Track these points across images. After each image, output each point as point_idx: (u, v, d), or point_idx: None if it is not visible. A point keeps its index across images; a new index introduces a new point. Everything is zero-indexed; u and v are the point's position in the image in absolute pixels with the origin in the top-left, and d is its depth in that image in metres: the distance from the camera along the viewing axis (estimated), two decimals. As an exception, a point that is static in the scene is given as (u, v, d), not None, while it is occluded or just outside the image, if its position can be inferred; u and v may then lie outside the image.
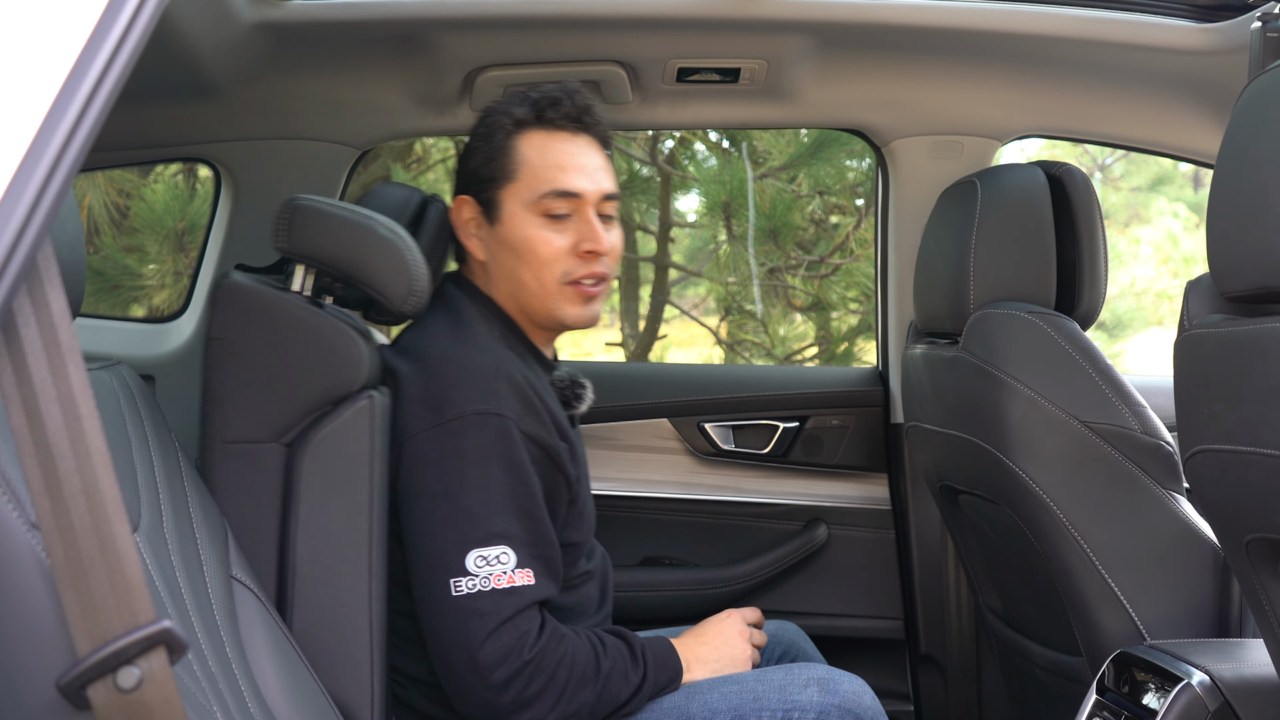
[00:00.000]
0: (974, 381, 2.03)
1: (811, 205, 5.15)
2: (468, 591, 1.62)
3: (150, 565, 1.25)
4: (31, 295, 0.90)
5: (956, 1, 2.25)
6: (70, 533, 0.89)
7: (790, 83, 2.42)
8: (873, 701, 1.79)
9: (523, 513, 1.68)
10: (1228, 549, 1.48)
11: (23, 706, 0.91)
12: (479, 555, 1.64)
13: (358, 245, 1.74)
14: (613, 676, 1.70)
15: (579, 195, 1.81)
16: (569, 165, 1.82)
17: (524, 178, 1.81)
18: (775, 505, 2.66)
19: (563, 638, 1.69)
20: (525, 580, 1.65)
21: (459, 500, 1.66)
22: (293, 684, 1.51)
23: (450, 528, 1.66)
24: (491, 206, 1.83)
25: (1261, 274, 1.26)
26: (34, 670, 0.90)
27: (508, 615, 1.62)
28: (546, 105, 1.83)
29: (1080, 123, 2.59)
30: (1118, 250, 7.69)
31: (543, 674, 1.64)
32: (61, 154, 0.88)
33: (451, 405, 1.69)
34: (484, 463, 1.67)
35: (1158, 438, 1.95)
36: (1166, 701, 1.68)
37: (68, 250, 1.17)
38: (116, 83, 0.90)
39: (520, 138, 1.83)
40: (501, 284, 1.85)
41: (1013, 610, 2.27)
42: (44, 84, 0.89)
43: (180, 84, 2.22)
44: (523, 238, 1.80)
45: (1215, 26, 2.24)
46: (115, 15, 0.90)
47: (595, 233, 1.81)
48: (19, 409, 0.90)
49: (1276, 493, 1.30)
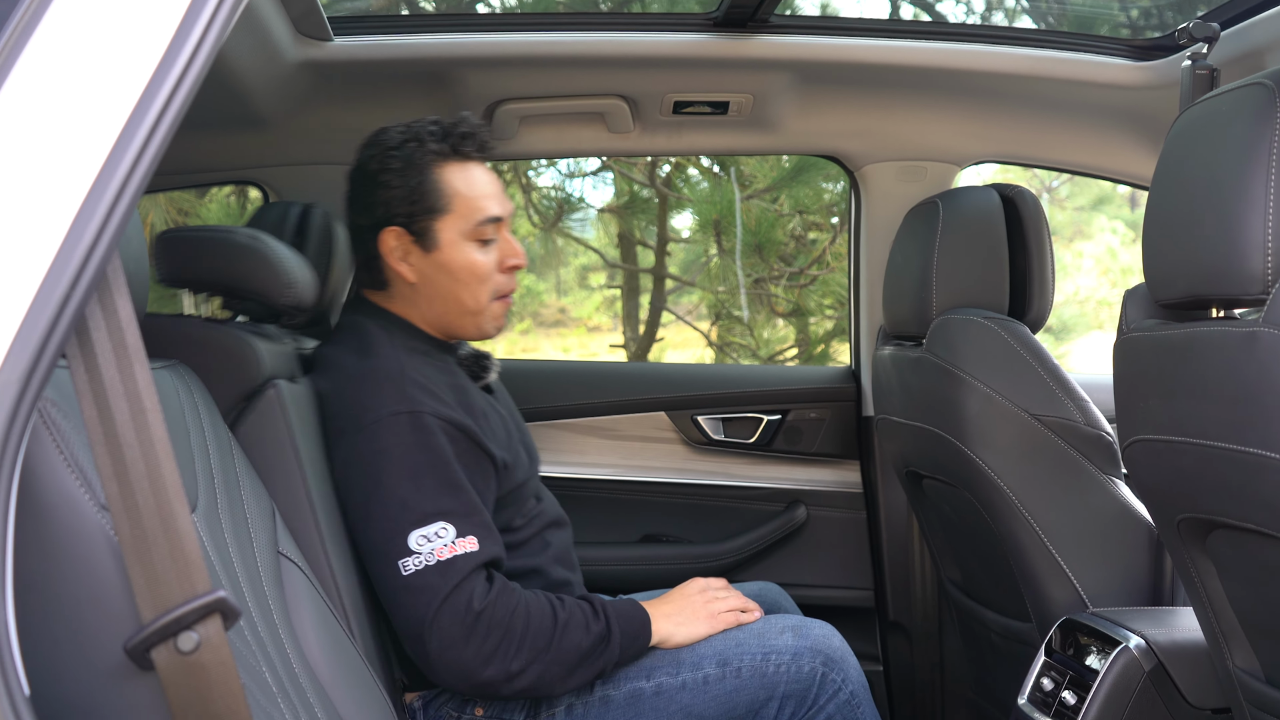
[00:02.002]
0: (936, 379, 2.03)
1: (792, 223, 5.15)
2: (415, 569, 1.60)
3: (206, 542, 1.25)
4: (102, 302, 0.91)
5: (920, 43, 2.26)
6: (136, 513, 0.90)
7: (773, 115, 2.42)
8: (841, 644, 1.80)
9: (453, 487, 1.65)
10: (1161, 527, 1.48)
11: (94, 667, 0.91)
12: (420, 535, 1.61)
13: (221, 258, 1.70)
14: (571, 626, 1.66)
15: (502, 219, 1.81)
16: (491, 193, 1.80)
17: (458, 209, 1.77)
18: (760, 489, 2.67)
19: (513, 591, 1.65)
20: (468, 547, 1.61)
21: (392, 492, 1.63)
22: (334, 649, 1.51)
23: (389, 518, 1.62)
24: (426, 235, 1.77)
25: (1191, 283, 1.26)
26: (104, 635, 0.90)
27: (456, 582, 1.59)
28: (460, 139, 1.79)
29: (1030, 150, 2.58)
30: (1063, 262, 7.70)
31: (498, 626, 1.60)
32: (128, 178, 0.88)
33: (367, 411, 1.66)
34: (407, 455, 1.64)
35: (1099, 429, 1.95)
36: (1107, 662, 1.68)
37: (133, 263, 1.17)
38: (176, 116, 0.90)
39: (442, 170, 1.77)
40: (432, 303, 1.81)
41: (970, 581, 2.27)
42: (112, 118, 0.89)
43: (233, 115, 2.22)
44: (463, 262, 1.78)
45: (1149, 64, 2.25)
46: (174, 57, 0.90)
47: (516, 249, 1.82)
48: (90, 403, 0.90)
49: (1204, 478, 1.30)
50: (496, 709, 1.74)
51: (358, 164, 1.83)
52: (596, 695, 1.74)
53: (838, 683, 1.79)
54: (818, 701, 1.78)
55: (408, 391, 1.67)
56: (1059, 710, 1.74)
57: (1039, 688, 1.81)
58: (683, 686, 1.74)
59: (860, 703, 1.82)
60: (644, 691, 1.74)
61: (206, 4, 0.92)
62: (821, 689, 1.78)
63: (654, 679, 1.74)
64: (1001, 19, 3.92)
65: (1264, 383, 1.15)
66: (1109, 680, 1.67)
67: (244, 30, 1.87)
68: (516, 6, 3.38)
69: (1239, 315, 1.25)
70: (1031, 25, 3.56)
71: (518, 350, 8.16)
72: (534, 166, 5.57)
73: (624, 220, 5.81)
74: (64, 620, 0.91)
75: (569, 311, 8.37)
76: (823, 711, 1.78)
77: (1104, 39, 2.29)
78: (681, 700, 1.74)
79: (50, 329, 0.85)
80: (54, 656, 0.90)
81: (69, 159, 0.88)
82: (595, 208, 5.86)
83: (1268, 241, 1.14)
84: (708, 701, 1.74)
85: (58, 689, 0.90)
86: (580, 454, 2.67)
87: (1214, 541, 1.38)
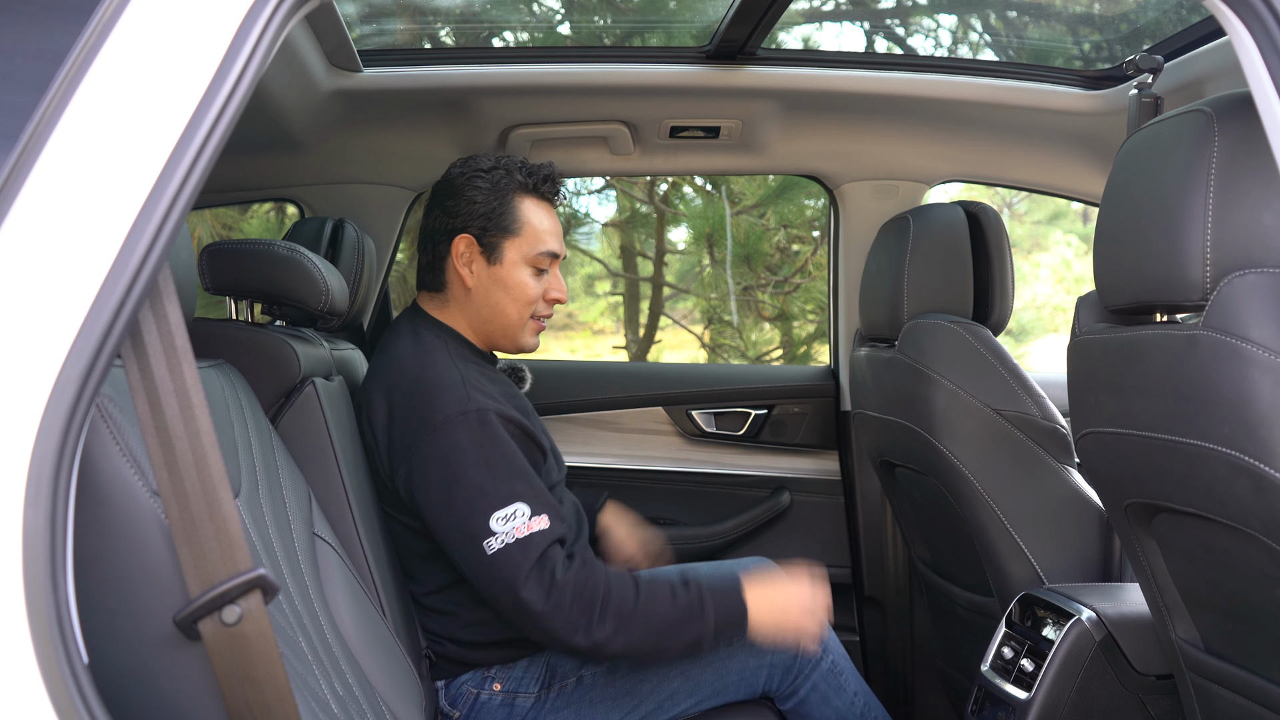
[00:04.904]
0: (907, 377, 2.03)
1: (777, 236, 5.14)
2: (500, 547, 1.59)
3: (248, 524, 1.25)
4: (153, 308, 0.91)
5: (893, 73, 2.25)
6: (184, 498, 0.90)
7: (760, 138, 2.42)
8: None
9: (521, 474, 1.64)
10: (1110, 511, 1.48)
11: (146, 638, 0.91)
12: (499, 516, 1.60)
13: (262, 268, 1.71)
14: (655, 597, 1.61)
15: (558, 256, 1.84)
16: (556, 232, 1.84)
17: (526, 235, 1.80)
18: (748, 476, 2.66)
19: (595, 565, 1.63)
20: (542, 525, 1.60)
21: (470, 482, 1.62)
22: (365, 624, 1.51)
23: (470, 504, 1.61)
24: (494, 250, 1.79)
25: (1138, 291, 1.26)
26: (155, 609, 0.90)
27: (535, 557, 1.58)
28: (542, 180, 1.83)
29: (992, 170, 2.58)
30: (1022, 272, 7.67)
31: (581, 596, 1.58)
32: (177, 196, 0.88)
33: (436, 413, 1.65)
34: (478, 448, 1.63)
35: (1054, 422, 1.95)
36: (1061, 633, 1.68)
37: (182, 272, 1.17)
38: (220, 140, 0.91)
39: (522, 200, 1.81)
40: (480, 310, 1.82)
41: (938, 560, 2.27)
42: (162, 142, 0.89)
43: (272, 139, 2.22)
44: (516, 280, 1.80)
45: (1100, 93, 2.25)
46: (218, 88, 0.91)
47: (562, 286, 1.86)
48: (143, 399, 0.90)
49: (1150, 466, 1.30)
50: (513, 683, 1.74)
51: (446, 177, 1.86)
52: (604, 664, 1.73)
53: (820, 650, 1.79)
54: (803, 669, 1.78)
55: (470, 394, 1.67)
56: (1018, 676, 1.74)
57: (1000, 656, 1.81)
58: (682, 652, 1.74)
59: (842, 670, 1.81)
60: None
61: (247, 42, 0.92)
62: (806, 658, 1.77)
63: None
64: (967, 51, 3.91)
65: (1203, 381, 1.15)
66: (1063, 649, 1.67)
67: (282, 64, 1.87)
68: (529, 40, 3.38)
69: (1181, 320, 1.25)
70: (994, 57, 3.56)
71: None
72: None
73: (625, 234, 5.81)
74: (119, 595, 0.91)
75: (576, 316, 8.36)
76: (809, 679, 1.78)
77: (1059, 70, 2.29)
78: (681, 664, 1.74)
79: (107, 332, 0.85)
80: (110, 628, 0.90)
81: (124, 179, 0.88)
82: (600, 222, 5.86)
83: (1206, 253, 1.14)
84: (704, 666, 1.74)
85: (113, 658, 0.90)
86: (586, 445, 2.67)
87: (1158, 524, 1.38)
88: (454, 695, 1.76)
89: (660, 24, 3.29)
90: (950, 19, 3.83)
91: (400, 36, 2.59)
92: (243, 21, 0.92)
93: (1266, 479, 1.09)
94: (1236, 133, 1.13)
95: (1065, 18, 2.77)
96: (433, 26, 2.77)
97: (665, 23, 3.29)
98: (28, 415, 0.83)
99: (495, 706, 1.74)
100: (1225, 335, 1.11)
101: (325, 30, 1.93)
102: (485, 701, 1.74)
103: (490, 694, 1.74)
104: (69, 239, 0.86)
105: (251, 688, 0.90)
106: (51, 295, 0.85)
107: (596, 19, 3.33)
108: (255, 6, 0.92)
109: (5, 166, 0.87)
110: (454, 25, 2.82)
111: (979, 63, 2.37)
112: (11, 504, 0.82)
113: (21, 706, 0.82)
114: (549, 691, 1.73)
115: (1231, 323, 1.11)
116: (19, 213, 0.86)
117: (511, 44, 3.33)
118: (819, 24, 3.86)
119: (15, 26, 0.92)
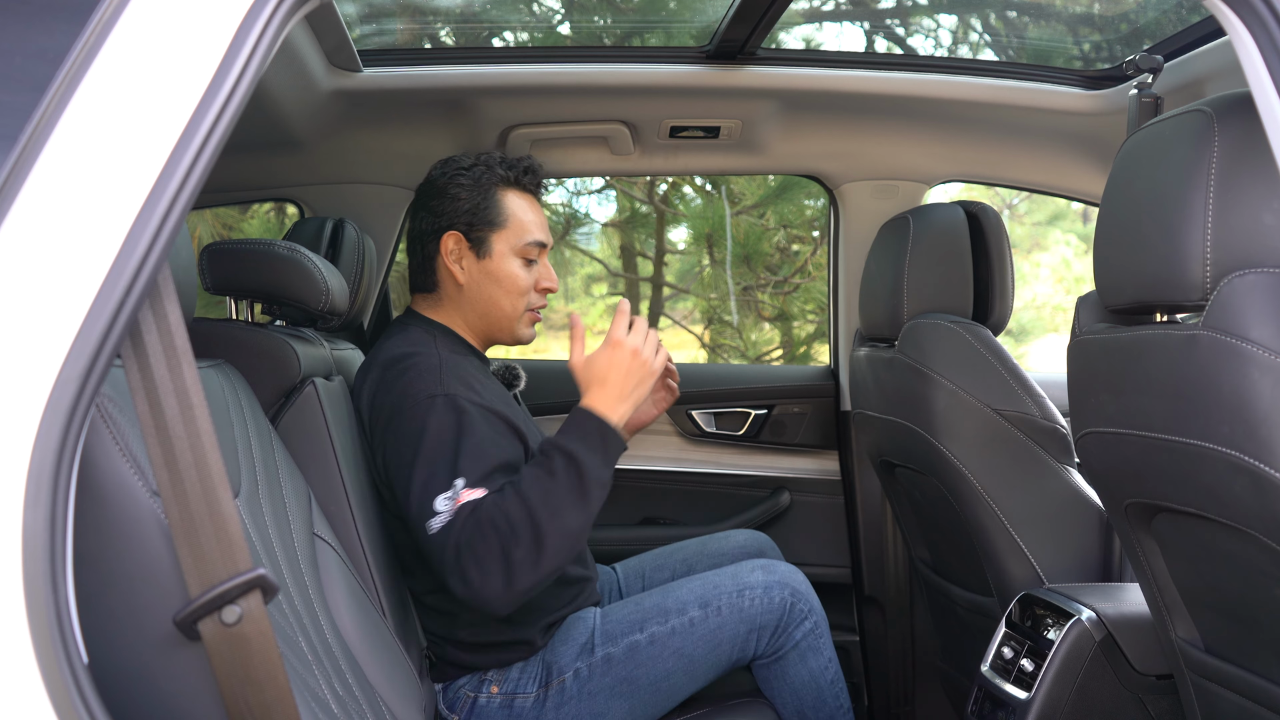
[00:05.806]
0: (907, 377, 2.03)
1: (777, 236, 5.15)
2: (437, 528, 1.55)
3: (248, 524, 1.25)
4: (153, 308, 0.90)
5: (893, 73, 2.25)
6: (184, 498, 0.90)
7: (760, 138, 2.42)
8: (805, 580, 1.84)
9: (478, 456, 1.60)
10: (1110, 511, 1.48)
11: (146, 638, 0.91)
12: (443, 498, 1.57)
13: (262, 268, 1.70)
14: (536, 493, 1.54)
15: (545, 246, 1.87)
16: (541, 223, 1.87)
17: (512, 227, 1.83)
18: (748, 476, 2.66)
19: (478, 507, 1.54)
20: (472, 496, 1.56)
21: (425, 463, 1.60)
22: (365, 624, 1.51)
23: (421, 485, 1.59)
24: (482, 244, 1.82)
25: (1138, 291, 1.26)
26: (155, 609, 0.90)
27: (454, 542, 1.53)
28: (523, 173, 1.86)
29: (992, 170, 2.58)
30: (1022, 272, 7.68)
31: (488, 549, 1.51)
32: (177, 196, 0.88)
33: (409, 396, 1.66)
34: (440, 432, 1.62)
35: (1054, 422, 1.95)
36: (1061, 633, 1.68)
37: (182, 272, 1.17)
38: (220, 140, 0.91)
39: (505, 194, 1.84)
40: (475, 305, 1.84)
41: (938, 560, 2.27)
42: (162, 142, 0.89)
43: (272, 139, 2.22)
44: (507, 272, 1.83)
45: (1100, 93, 2.25)
46: (218, 88, 0.91)
47: (551, 275, 1.89)
48: (143, 399, 0.90)
49: (1150, 466, 1.30)
50: (510, 684, 1.74)
51: (428, 179, 1.88)
52: (599, 656, 1.74)
53: (804, 611, 1.81)
54: (788, 629, 1.80)
55: (445, 379, 1.68)
56: (1018, 676, 1.74)
57: (1000, 656, 1.81)
58: (673, 632, 1.75)
59: (822, 633, 1.83)
60: (640, 643, 1.74)
61: (246, 42, 0.92)
62: (790, 616, 1.79)
63: (646, 630, 1.75)
64: (967, 51, 3.92)
65: (1203, 381, 1.15)
66: (1063, 649, 1.67)
67: (282, 64, 1.87)
68: (528, 40, 3.38)
69: (1181, 320, 1.25)
70: (994, 57, 3.56)
71: (529, 351, 8.16)
72: (544, 185, 5.55)
73: (625, 234, 5.81)
74: (119, 595, 0.90)
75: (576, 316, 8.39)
76: (792, 638, 1.80)
77: (1059, 70, 2.29)
78: (673, 644, 1.75)
79: (106, 332, 0.85)
80: (110, 628, 0.90)
81: (124, 179, 0.88)
82: (599, 222, 5.86)
83: (1206, 253, 1.14)
84: (696, 641, 1.75)
85: (113, 657, 0.90)
86: (586, 445, 2.67)
87: (1158, 524, 1.38)
88: (452, 699, 1.76)
89: (660, 24, 3.29)
90: (950, 19, 3.83)
91: (400, 36, 2.59)
92: (242, 22, 0.92)
93: (1266, 479, 1.09)
94: (1236, 133, 1.13)
95: (1065, 18, 2.77)
96: (433, 26, 2.77)
97: (665, 23, 3.29)
98: (28, 415, 0.83)
99: (494, 709, 1.74)
100: (1225, 335, 1.11)
101: (325, 30, 1.92)
102: (484, 705, 1.74)
103: (488, 697, 1.74)
104: (69, 239, 0.86)
105: (251, 688, 0.89)
106: (51, 295, 0.85)
107: (596, 19, 3.33)
108: (255, 6, 0.92)
109: (5, 166, 0.87)
110: (454, 25, 2.82)
111: (979, 63, 2.37)
112: (11, 504, 0.82)
113: (21, 706, 0.82)
114: (548, 690, 1.73)
115: (1232, 322, 1.11)
116: (19, 213, 0.86)
117: (511, 44, 3.33)
118: (819, 24, 3.86)
119: (14, 26, 0.92)
